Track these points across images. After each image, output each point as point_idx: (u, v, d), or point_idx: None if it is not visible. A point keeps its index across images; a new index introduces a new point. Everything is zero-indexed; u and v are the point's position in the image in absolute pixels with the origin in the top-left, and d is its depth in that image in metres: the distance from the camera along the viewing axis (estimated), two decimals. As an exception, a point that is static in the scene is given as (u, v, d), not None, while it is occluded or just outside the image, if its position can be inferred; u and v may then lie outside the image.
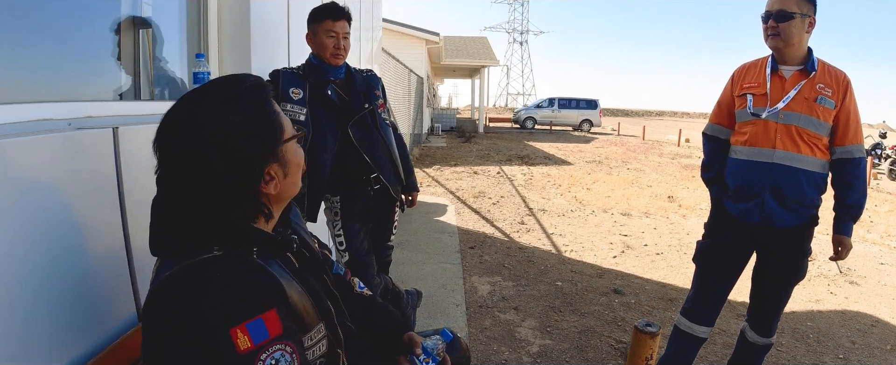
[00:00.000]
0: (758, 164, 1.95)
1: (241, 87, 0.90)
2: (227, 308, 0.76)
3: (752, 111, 1.96)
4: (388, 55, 7.54)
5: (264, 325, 0.77)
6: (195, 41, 1.90)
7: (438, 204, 6.26)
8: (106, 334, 1.17)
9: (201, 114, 0.86)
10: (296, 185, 0.97)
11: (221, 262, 0.82)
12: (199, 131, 0.85)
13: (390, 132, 2.22)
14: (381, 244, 2.32)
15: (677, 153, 14.12)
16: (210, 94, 0.89)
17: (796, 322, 3.14)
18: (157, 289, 0.81)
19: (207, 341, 0.75)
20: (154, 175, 1.19)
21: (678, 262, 4.29)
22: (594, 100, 24.08)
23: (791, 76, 1.93)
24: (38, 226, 0.98)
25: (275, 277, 0.84)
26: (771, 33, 1.90)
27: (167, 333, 0.78)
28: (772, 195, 1.93)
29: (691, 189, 8.07)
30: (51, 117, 1.14)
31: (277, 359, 0.78)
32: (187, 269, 0.81)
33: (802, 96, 1.89)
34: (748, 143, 1.98)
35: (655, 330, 2.00)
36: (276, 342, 0.78)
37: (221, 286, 0.78)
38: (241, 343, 0.75)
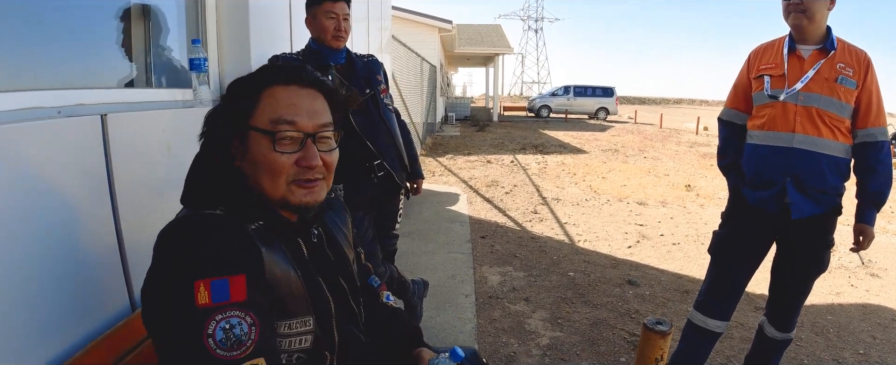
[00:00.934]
0: (776, 150, 1.85)
1: (272, 62, 0.92)
2: (197, 259, 0.77)
3: (770, 93, 1.86)
4: (400, 44, 7.47)
5: (228, 287, 0.76)
6: (194, 27, 1.85)
7: (450, 193, 6.22)
8: (98, 324, 1.14)
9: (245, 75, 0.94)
10: (265, 185, 0.89)
11: (214, 219, 0.83)
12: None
13: (393, 118, 2.16)
14: (385, 233, 2.28)
15: (695, 141, 13.86)
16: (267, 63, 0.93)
17: (816, 316, 3.03)
18: (160, 231, 0.83)
19: (173, 286, 0.76)
20: (145, 163, 1.27)
21: (695, 252, 4.18)
22: (610, 87, 23.75)
23: (810, 56, 1.83)
24: (27, 215, 0.96)
25: (257, 249, 0.82)
26: (795, 10, 1.79)
27: (151, 273, 0.81)
28: (792, 183, 1.83)
29: (709, 178, 7.90)
30: (40, 105, 1.11)
31: (233, 324, 0.75)
32: (185, 217, 0.85)
33: (822, 76, 1.79)
34: (766, 128, 1.88)
35: (667, 329, 1.89)
36: (235, 308, 0.75)
37: (201, 238, 0.79)
38: (201, 297, 0.74)
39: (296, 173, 0.88)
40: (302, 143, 0.89)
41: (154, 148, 1.37)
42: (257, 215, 0.88)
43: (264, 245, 0.84)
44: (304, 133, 0.89)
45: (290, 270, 0.88)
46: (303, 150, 0.89)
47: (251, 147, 0.88)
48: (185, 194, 0.92)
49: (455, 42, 17.54)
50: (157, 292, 0.79)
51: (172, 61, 1.81)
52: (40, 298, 0.98)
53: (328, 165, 0.93)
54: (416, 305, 2.49)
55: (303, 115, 0.89)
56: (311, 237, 0.99)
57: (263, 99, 0.88)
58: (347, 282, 1.06)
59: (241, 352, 0.74)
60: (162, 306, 0.77)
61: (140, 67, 1.66)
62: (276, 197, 0.89)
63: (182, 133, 1.46)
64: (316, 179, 0.91)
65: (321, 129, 0.91)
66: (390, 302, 1.25)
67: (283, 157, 0.87)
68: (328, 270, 1.01)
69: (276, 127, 0.87)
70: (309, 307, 0.90)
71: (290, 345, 0.87)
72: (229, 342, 0.74)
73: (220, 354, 0.73)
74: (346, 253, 1.08)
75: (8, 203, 0.91)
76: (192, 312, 0.74)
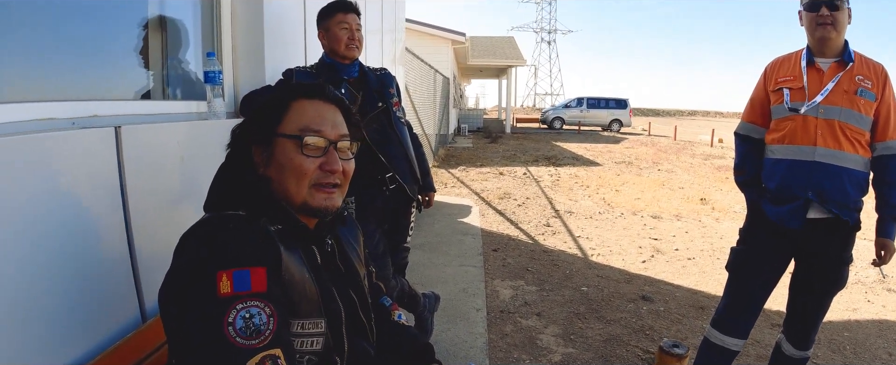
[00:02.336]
0: (798, 164, 1.82)
1: (286, 76, 0.95)
2: (221, 252, 0.80)
3: (790, 106, 1.84)
4: (414, 55, 7.51)
5: (249, 277, 0.79)
6: (209, 40, 1.87)
7: (462, 205, 6.20)
8: (109, 334, 1.15)
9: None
10: (290, 191, 0.94)
11: (237, 219, 0.87)
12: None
13: (405, 131, 2.16)
14: (396, 246, 2.26)
15: (710, 154, 13.72)
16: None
17: (833, 332, 2.96)
18: (184, 232, 0.87)
19: (196, 278, 0.78)
20: (158, 175, 1.30)
21: (711, 267, 4.11)
22: (624, 99, 23.65)
23: (829, 68, 1.81)
24: (40, 225, 0.96)
25: (277, 245, 0.85)
26: (823, 22, 1.77)
27: (174, 270, 0.83)
28: (816, 197, 1.79)
29: (725, 191, 7.79)
30: (55, 116, 1.13)
31: (253, 313, 0.77)
32: (209, 217, 0.90)
33: (841, 89, 1.78)
34: (787, 142, 1.85)
35: (683, 352, 1.83)
36: (255, 298, 0.78)
37: (224, 232, 0.83)
38: (223, 286, 0.77)
39: (318, 177, 0.95)
40: (325, 150, 0.96)
41: (168, 160, 1.37)
42: (278, 220, 0.92)
43: (283, 246, 0.87)
44: (328, 140, 0.96)
45: (305, 273, 0.91)
46: (326, 155, 0.96)
47: (277, 153, 0.94)
48: (208, 201, 0.96)
49: (468, 54, 17.61)
50: (179, 285, 0.81)
51: (187, 73, 1.83)
52: (51, 309, 0.98)
53: (346, 173, 1.00)
54: (427, 318, 2.47)
55: (327, 125, 0.97)
56: (324, 246, 1.02)
57: (292, 109, 0.96)
58: (358, 294, 1.08)
59: (259, 341, 0.76)
60: (182, 297, 0.80)
61: (155, 79, 1.68)
62: (298, 200, 0.94)
63: (196, 145, 1.47)
64: (335, 185, 0.97)
65: (342, 138, 0.99)
66: (402, 320, 1.26)
67: (308, 161, 0.93)
68: (339, 281, 1.03)
69: (304, 133, 0.94)
70: (321, 311, 0.93)
71: (303, 346, 0.89)
72: (249, 331, 0.76)
73: (239, 342, 0.75)
74: (356, 268, 1.10)
75: (21, 214, 0.92)
76: (213, 300, 0.76)
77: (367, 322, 1.10)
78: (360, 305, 1.08)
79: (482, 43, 21.36)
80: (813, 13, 1.79)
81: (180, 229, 0.89)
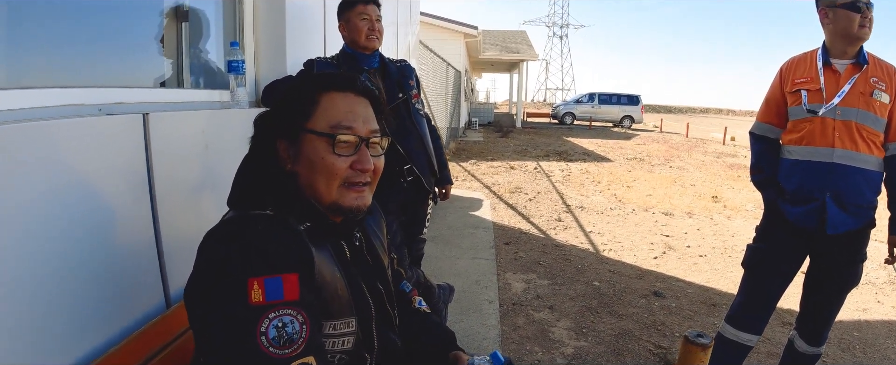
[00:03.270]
0: (816, 165, 1.83)
1: (306, 66, 0.92)
2: (251, 258, 0.77)
3: (808, 108, 1.84)
4: (426, 48, 7.50)
5: (282, 285, 0.76)
6: (231, 30, 1.89)
7: (474, 199, 6.20)
8: (133, 320, 1.16)
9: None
10: (320, 190, 0.90)
11: (265, 219, 0.84)
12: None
13: (424, 123, 2.17)
14: (413, 237, 2.28)
15: (722, 152, 13.60)
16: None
17: (843, 332, 2.95)
18: (208, 231, 0.84)
19: (226, 286, 0.76)
20: (184, 162, 1.28)
21: (722, 265, 4.10)
22: (636, 95, 23.46)
23: (845, 70, 1.82)
24: (66, 211, 0.97)
25: (308, 248, 0.83)
26: (864, 24, 1.78)
27: (199, 270, 0.80)
28: (832, 198, 1.80)
29: (737, 189, 7.73)
30: (81, 102, 1.14)
31: (285, 322, 0.75)
32: (236, 217, 0.85)
33: (857, 90, 1.78)
34: (804, 143, 1.86)
35: (707, 342, 1.84)
36: (288, 306, 0.76)
37: (254, 237, 0.79)
38: (255, 295, 0.74)
39: (350, 176, 0.91)
40: (357, 148, 0.91)
41: (193, 148, 1.39)
42: (306, 217, 0.89)
43: (313, 245, 0.84)
44: (360, 137, 0.91)
45: (336, 272, 0.89)
46: (357, 153, 0.91)
47: (305, 149, 0.90)
48: (232, 196, 0.93)
49: (480, 48, 17.54)
50: (207, 291, 0.78)
51: (209, 63, 1.84)
52: (78, 294, 1.00)
53: (376, 171, 0.96)
54: (442, 309, 2.48)
55: (359, 120, 0.92)
56: (353, 240, 1.00)
57: (322, 103, 0.91)
58: (384, 286, 1.07)
59: (292, 350, 0.75)
60: (212, 304, 0.77)
61: (179, 68, 1.69)
62: (328, 199, 0.91)
63: (220, 134, 1.48)
64: (366, 183, 0.93)
65: (373, 134, 0.94)
66: (423, 307, 1.25)
67: (340, 160, 0.89)
68: (368, 274, 1.01)
69: (336, 131, 0.89)
70: (352, 309, 0.91)
71: (333, 346, 0.88)
72: (281, 340, 0.74)
73: (272, 351, 0.73)
74: (382, 258, 1.09)
75: (47, 198, 0.92)
76: (245, 309, 0.74)
77: (393, 312, 1.10)
78: (387, 296, 1.07)
79: (494, 37, 21.27)
80: (857, 14, 1.77)
81: (204, 218, 0.89)
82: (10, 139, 0.86)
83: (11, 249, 0.85)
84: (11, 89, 1.01)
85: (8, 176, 0.85)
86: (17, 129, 0.88)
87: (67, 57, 1.29)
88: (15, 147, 0.87)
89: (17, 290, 0.87)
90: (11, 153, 0.86)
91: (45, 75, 1.22)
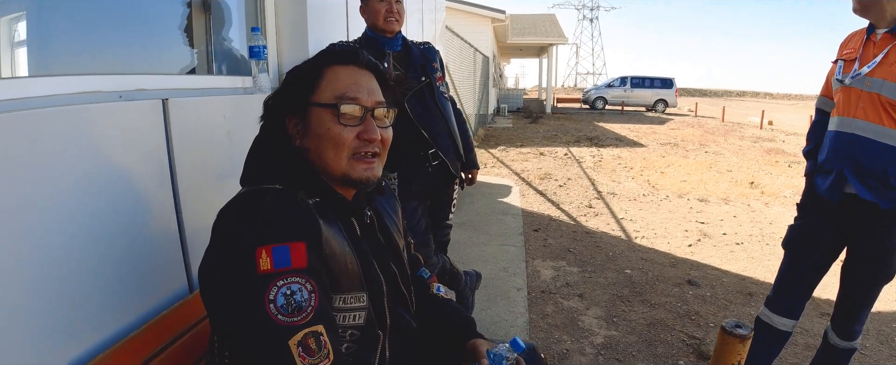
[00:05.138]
0: (840, 136, 1.75)
1: (342, 46, 0.92)
2: (259, 228, 0.78)
3: (839, 77, 1.77)
4: (453, 34, 7.42)
5: (289, 253, 0.77)
6: (253, 16, 1.87)
7: (502, 185, 6.14)
8: (156, 304, 1.17)
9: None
10: (329, 162, 0.91)
11: (275, 192, 0.84)
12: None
13: (449, 106, 2.12)
14: (439, 223, 2.25)
15: (759, 136, 13.12)
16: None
17: (881, 323, 2.80)
18: (222, 208, 0.85)
19: (235, 255, 0.77)
20: (205, 148, 1.31)
21: (759, 253, 3.94)
22: (670, 79, 22.80)
23: (881, 39, 1.68)
24: (89, 197, 0.98)
25: (316, 219, 0.83)
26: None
27: (211, 245, 0.83)
28: (851, 171, 1.71)
29: (775, 175, 7.45)
30: (101, 89, 1.14)
31: (293, 290, 0.76)
32: (246, 192, 0.87)
33: (889, 61, 1.64)
34: (837, 113, 1.79)
35: (746, 333, 1.74)
36: (296, 273, 0.77)
37: (262, 208, 0.80)
38: (263, 263, 0.75)
39: (357, 146, 0.91)
40: (362, 119, 0.92)
41: (215, 134, 1.38)
42: (315, 192, 0.90)
43: (322, 219, 0.85)
44: (365, 108, 0.92)
45: (345, 246, 0.89)
46: (363, 123, 0.92)
47: (312, 123, 0.91)
48: (244, 174, 0.95)
49: (508, 32, 17.29)
50: (218, 263, 0.80)
51: (232, 49, 1.83)
52: (101, 277, 1.00)
53: (384, 142, 0.96)
54: (468, 296, 2.46)
55: (363, 91, 0.93)
56: (364, 217, 1.00)
57: (325, 76, 0.93)
58: (398, 267, 1.05)
59: (301, 318, 0.75)
60: (222, 276, 0.79)
61: (200, 55, 1.69)
62: (338, 171, 0.91)
63: (243, 120, 1.47)
64: (375, 154, 0.94)
65: (379, 105, 0.95)
66: (441, 293, 1.23)
67: (346, 130, 0.90)
68: (380, 253, 1.01)
69: (340, 101, 0.90)
70: (362, 284, 0.91)
71: (344, 320, 0.88)
72: (290, 308, 0.75)
73: (281, 319, 0.74)
74: (396, 239, 1.08)
75: (69, 184, 0.93)
76: (254, 278, 0.75)
77: (408, 294, 1.09)
78: (401, 277, 1.06)
79: (522, 21, 20.93)
80: None
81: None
82: (31, 126, 0.86)
83: (36, 236, 0.86)
84: (34, 77, 1.02)
85: (30, 162, 0.85)
86: (37, 116, 0.88)
87: (87, 45, 1.30)
88: (37, 134, 0.87)
89: (44, 275, 0.88)
90: (34, 140, 0.87)
91: (65, 63, 1.23)
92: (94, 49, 1.31)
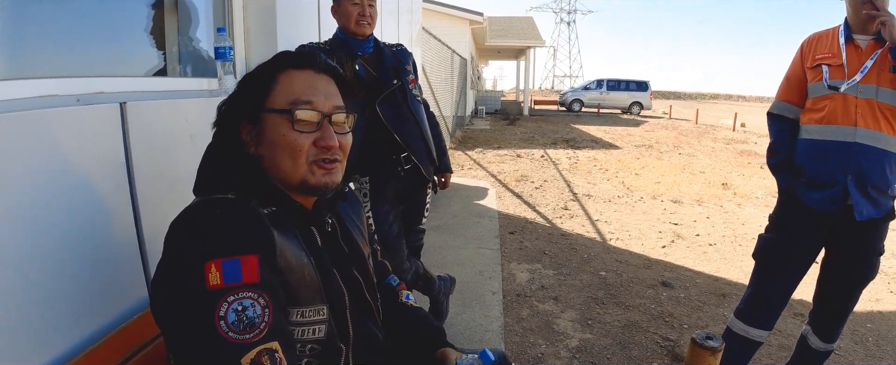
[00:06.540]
0: (837, 145, 1.72)
1: (312, 46, 0.88)
2: (208, 240, 0.74)
3: (830, 84, 1.74)
4: (431, 35, 7.40)
5: (240, 267, 0.73)
6: (220, 16, 1.82)
7: (479, 187, 6.14)
8: (115, 316, 1.12)
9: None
10: (285, 170, 0.87)
11: (225, 203, 0.81)
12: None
13: (422, 109, 2.09)
14: (412, 228, 2.22)
15: (732, 138, 13.40)
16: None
17: (855, 324, 2.87)
18: (173, 219, 0.82)
19: (183, 270, 0.73)
20: (166, 154, 1.25)
21: (732, 254, 4.01)
22: (645, 81, 23.16)
23: (867, 45, 1.71)
24: (43, 204, 0.93)
25: (269, 230, 0.79)
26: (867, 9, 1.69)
27: (162, 258, 0.78)
28: (854, 181, 1.70)
29: (747, 176, 7.61)
30: (59, 93, 1.09)
31: (245, 306, 0.72)
32: (197, 203, 0.83)
33: (879, 67, 1.68)
34: (825, 122, 1.75)
35: (717, 345, 1.73)
36: (247, 289, 0.73)
37: (211, 220, 0.77)
38: (212, 278, 0.71)
39: (315, 154, 0.88)
40: (319, 125, 0.89)
41: (177, 138, 1.34)
42: (271, 201, 0.86)
43: (277, 230, 0.81)
44: (322, 113, 0.89)
45: (303, 257, 0.85)
46: (320, 129, 0.89)
47: (267, 130, 0.87)
48: (197, 184, 0.91)
49: (486, 35, 17.34)
50: (167, 279, 0.76)
51: (198, 50, 1.78)
52: (57, 289, 0.96)
53: (343, 148, 0.93)
54: (442, 301, 2.43)
55: (319, 96, 0.89)
56: (324, 226, 0.96)
57: (280, 81, 0.89)
58: (362, 275, 1.02)
59: (254, 335, 0.71)
60: (170, 291, 0.74)
61: (164, 56, 1.63)
62: (295, 179, 0.88)
63: (207, 123, 1.41)
64: (334, 160, 0.90)
65: (337, 110, 0.91)
66: (410, 301, 1.20)
67: (302, 137, 0.87)
68: (342, 262, 0.97)
69: (295, 106, 0.87)
70: (322, 296, 0.87)
71: (304, 334, 0.84)
72: (242, 325, 0.71)
73: (232, 336, 0.70)
74: (360, 247, 1.05)
75: (24, 191, 0.89)
76: (202, 293, 0.71)
77: (374, 303, 1.05)
78: (366, 285, 1.03)
79: (500, 23, 21.02)
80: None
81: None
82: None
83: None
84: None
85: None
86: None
87: (46, 46, 1.24)
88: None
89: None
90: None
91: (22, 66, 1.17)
92: (56, 51, 1.26)
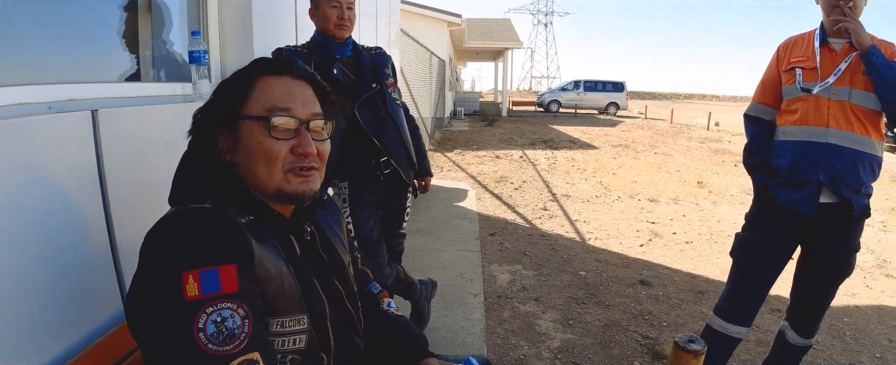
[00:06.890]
0: (810, 145, 1.77)
1: (275, 55, 0.87)
2: (185, 250, 0.73)
3: (803, 86, 1.79)
4: (409, 37, 7.38)
5: (218, 277, 0.72)
6: (195, 19, 1.79)
7: (459, 189, 6.14)
8: (89, 330, 1.09)
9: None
10: (262, 178, 0.86)
11: (202, 212, 0.80)
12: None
13: (401, 113, 2.08)
14: (392, 232, 2.20)
15: (707, 137, 13.67)
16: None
17: (833, 319, 2.94)
18: (149, 230, 0.80)
19: (160, 281, 0.72)
20: (140, 161, 1.22)
21: (709, 251, 4.09)
22: (621, 82, 23.52)
23: (842, 49, 1.77)
24: (13, 214, 0.90)
25: (247, 238, 0.78)
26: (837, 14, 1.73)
27: (138, 270, 0.76)
28: (827, 180, 1.75)
29: (722, 174, 7.76)
30: (30, 101, 1.06)
31: (224, 317, 0.70)
32: (172, 213, 0.82)
33: (853, 70, 1.73)
34: (799, 123, 1.80)
35: (700, 348, 1.74)
36: (226, 299, 0.71)
37: (188, 229, 0.76)
38: (190, 289, 0.70)
39: (292, 161, 0.87)
40: (296, 132, 0.87)
41: (150, 145, 1.30)
42: (248, 210, 0.85)
43: (255, 239, 0.80)
44: (299, 120, 0.88)
45: (282, 267, 0.84)
46: (298, 137, 0.87)
47: (243, 137, 0.86)
48: (172, 193, 0.89)
49: (464, 36, 17.40)
50: (143, 289, 0.74)
51: (172, 54, 1.74)
52: (27, 304, 0.93)
53: (321, 155, 0.92)
54: (424, 305, 2.42)
55: (297, 103, 0.88)
56: (303, 235, 0.95)
57: (257, 87, 0.88)
58: (343, 283, 1.01)
59: (234, 346, 0.70)
60: (147, 303, 0.72)
61: (137, 60, 1.59)
62: (271, 187, 0.86)
63: (181, 129, 1.38)
64: (311, 168, 0.89)
65: (314, 117, 0.90)
66: (392, 309, 1.19)
67: (278, 144, 0.86)
68: (322, 271, 0.96)
69: (271, 113, 0.86)
70: (302, 306, 0.86)
71: (284, 345, 0.82)
72: (221, 336, 0.69)
73: (211, 348, 0.68)
74: (340, 255, 1.03)
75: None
76: (180, 305, 0.69)
77: (355, 312, 1.04)
78: (346, 294, 1.01)
79: (478, 25, 21.09)
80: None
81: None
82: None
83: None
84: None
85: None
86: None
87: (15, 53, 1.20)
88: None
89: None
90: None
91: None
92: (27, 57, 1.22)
